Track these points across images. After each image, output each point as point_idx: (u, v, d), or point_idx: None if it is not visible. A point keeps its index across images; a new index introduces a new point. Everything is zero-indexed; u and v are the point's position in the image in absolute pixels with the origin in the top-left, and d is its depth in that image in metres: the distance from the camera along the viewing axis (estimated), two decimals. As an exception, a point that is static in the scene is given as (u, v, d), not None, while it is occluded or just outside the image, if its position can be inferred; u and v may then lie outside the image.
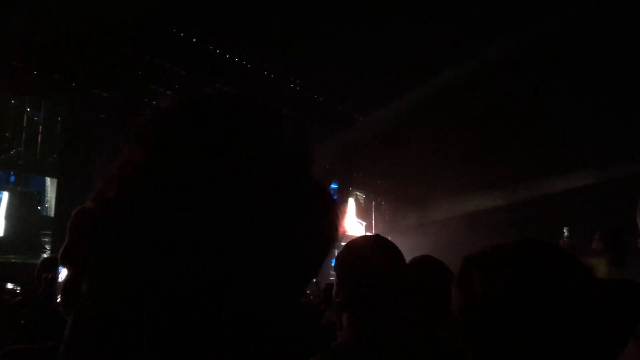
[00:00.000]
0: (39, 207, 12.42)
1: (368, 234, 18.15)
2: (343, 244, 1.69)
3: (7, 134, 11.64)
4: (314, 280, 1.63)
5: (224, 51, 12.23)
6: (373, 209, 19.13)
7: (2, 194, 11.62)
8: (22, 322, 3.56)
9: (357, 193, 18.56)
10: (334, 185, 16.46)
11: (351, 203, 17.84)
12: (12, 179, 12.46)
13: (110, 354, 0.51)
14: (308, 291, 6.86)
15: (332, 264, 1.62)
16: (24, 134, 11.80)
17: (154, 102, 0.60)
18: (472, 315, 0.89)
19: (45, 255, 10.23)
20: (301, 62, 12.52)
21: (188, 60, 11.94)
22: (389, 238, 1.78)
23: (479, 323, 0.88)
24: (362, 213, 18.68)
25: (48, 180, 12.78)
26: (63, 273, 0.57)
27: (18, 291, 6.78)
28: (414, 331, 1.75)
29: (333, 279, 1.64)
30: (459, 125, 13.66)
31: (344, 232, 0.62)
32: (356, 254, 1.62)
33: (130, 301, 0.51)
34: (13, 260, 10.67)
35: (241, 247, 0.51)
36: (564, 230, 4.70)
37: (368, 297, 1.56)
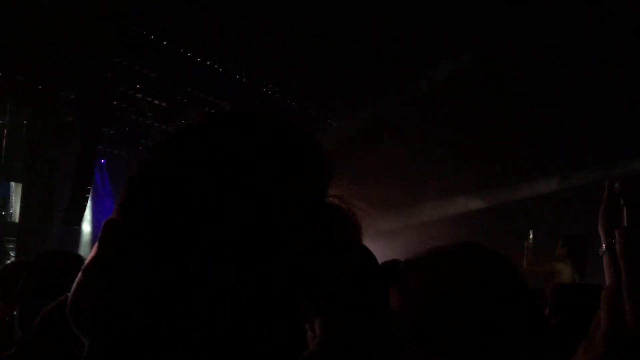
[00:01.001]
0: (3, 213, 12.19)
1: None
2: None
3: (-31, 138, 11.34)
4: None
5: (195, 54, 12.09)
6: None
7: (-36, 200, 11.33)
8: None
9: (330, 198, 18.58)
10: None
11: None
12: (-25, 184, 12.17)
13: None
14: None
15: None
16: (-13, 138, 11.52)
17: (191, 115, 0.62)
18: (414, 316, 0.90)
19: (8, 262, 9.99)
20: (273, 66, 12.48)
21: (158, 63, 11.78)
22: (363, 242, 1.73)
23: (421, 324, 0.89)
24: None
25: (13, 185, 12.52)
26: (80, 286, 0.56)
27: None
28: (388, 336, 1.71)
29: None
30: (433, 132, 13.81)
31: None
32: None
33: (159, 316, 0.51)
34: (-25, 267, 10.36)
35: (256, 262, 0.51)
36: (530, 233, 4.78)
37: (342, 303, 1.50)
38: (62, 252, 3.08)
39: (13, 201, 12.44)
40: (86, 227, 13.09)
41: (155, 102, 12.57)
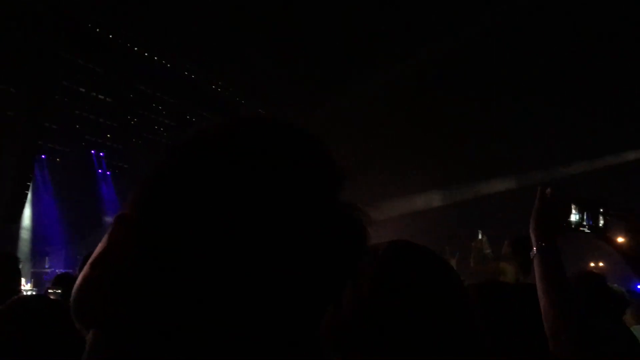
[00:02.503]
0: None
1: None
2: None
3: None
4: None
5: (142, 49, 11.82)
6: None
7: None
8: None
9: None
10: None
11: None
12: None
13: None
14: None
15: None
16: None
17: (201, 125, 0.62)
18: (340, 317, 0.88)
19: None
20: (224, 63, 12.35)
21: (104, 58, 11.46)
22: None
23: (346, 324, 0.87)
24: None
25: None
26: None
27: None
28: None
29: None
30: (391, 130, 13.94)
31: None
32: None
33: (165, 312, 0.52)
34: None
35: (263, 266, 0.53)
36: (478, 233, 4.86)
37: None
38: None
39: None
40: (25, 222, 12.59)
41: (100, 97, 12.22)
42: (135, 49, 11.78)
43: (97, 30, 11.18)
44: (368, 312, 0.86)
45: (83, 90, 11.92)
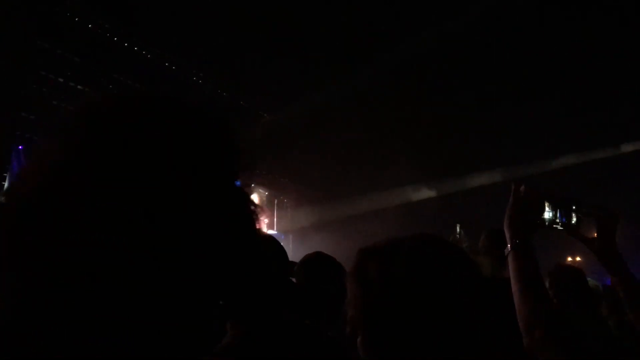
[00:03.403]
0: None
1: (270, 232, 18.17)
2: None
3: None
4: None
5: (122, 39, 11.67)
6: (275, 206, 19.15)
7: None
8: None
9: (260, 190, 18.50)
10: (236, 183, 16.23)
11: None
12: None
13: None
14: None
15: None
16: None
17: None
18: (370, 306, 0.89)
19: None
20: (204, 54, 12.25)
21: (83, 47, 11.28)
22: (290, 236, 1.76)
23: (376, 314, 0.88)
24: (264, 210, 18.61)
25: None
26: None
27: None
28: (297, 332, 1.71)
29: None
30: (364, 125, 13.99)
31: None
32: None
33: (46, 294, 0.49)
34: None
35: (154, 249, 0.50)
36: (457, 227, 4.93)
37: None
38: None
39: None
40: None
41: (79, 87, 12.04)
42: (115, 39, 11.62)
43: (76, 19, 11.01)
44: (404, 302, 0.86)
45: (61, 80, 11.74)
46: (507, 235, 1.39)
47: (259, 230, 0.60)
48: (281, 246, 1.68)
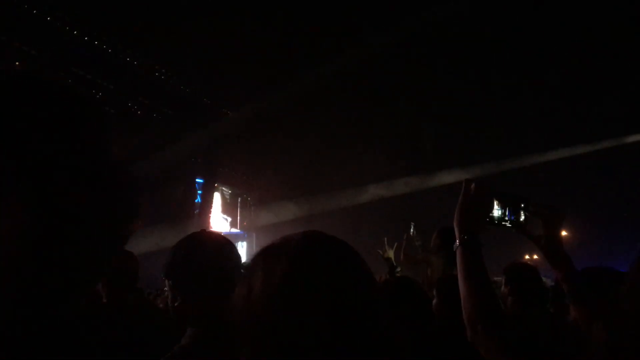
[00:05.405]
0: None
1: (234, 229, 18.08)
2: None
3: None
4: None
5: (83, 34, 11.39)
6: (239, 204, 19.01)
7: None
8: None
9: (223, 188, 18.33)
10: (199, 180, 16.09)
11: (217, 198, 17.58)
12: None
13: None
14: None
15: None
16: None
17: None
18: (252, 308, 0.85)
19: None
20: (167, 51, 12.07)
21: (40, 40, 10.97)
22: (254, 234, 1.77)
23: (257, 317, 0.84)
24: (228, 209, 18.48)
25: None
26: None
27: None
28: None
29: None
30: (328, 124, 14.00)
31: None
32: (184, 250, 1.57)
33: None
34: None
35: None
36: (411, 226, 4.96)
37: (200, 297, 1.51)
38: None
39: None
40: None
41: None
42: (75, 32, 11.35)
43: (34, 11, 10.71)
44: (283, 302, 0.82)
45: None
46: (456, 231, 1.42)
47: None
48: (234, 246, 1.66)
